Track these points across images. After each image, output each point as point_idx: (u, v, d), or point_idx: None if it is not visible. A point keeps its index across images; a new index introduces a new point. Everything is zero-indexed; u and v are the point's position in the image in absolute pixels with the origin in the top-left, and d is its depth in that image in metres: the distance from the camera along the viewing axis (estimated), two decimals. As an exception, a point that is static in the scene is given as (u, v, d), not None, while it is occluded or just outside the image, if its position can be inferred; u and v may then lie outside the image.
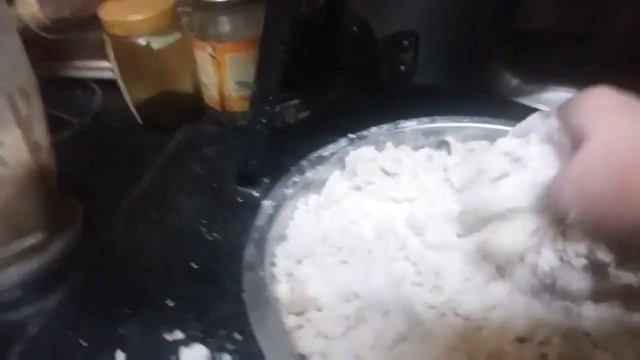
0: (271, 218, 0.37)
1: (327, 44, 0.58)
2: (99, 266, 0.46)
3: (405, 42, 0.56)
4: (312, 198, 0.40)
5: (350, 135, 0.43)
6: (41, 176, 0.41)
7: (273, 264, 0.36)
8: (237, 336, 0.38)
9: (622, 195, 0.22)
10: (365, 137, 0.43)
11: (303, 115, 0.55)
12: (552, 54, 0.51)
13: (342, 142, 0.43)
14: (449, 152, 0.41)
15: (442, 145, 0.42)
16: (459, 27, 0.54)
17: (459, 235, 0.33)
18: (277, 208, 0.38)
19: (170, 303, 0.42)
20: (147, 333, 0.39)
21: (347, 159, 0.41)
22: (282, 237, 0.38)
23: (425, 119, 0.43)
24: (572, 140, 0.26)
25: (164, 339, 0.39)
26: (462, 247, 0.32)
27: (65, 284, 0.44)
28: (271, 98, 0.45)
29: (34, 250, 0.43)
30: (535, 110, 0.46)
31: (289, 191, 0.39)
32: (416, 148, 0.43)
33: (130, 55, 0.56)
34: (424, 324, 0.29)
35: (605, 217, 0.23)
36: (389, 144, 0.42)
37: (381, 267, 0.32)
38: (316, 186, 0.41)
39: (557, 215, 0.25)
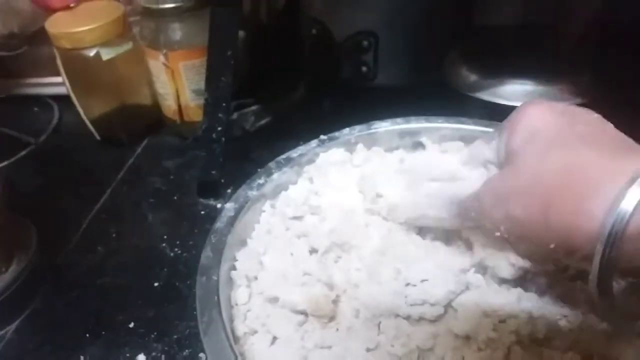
0: (231, 221, 0.36)
1: (287, 48, 0.57)
2: (57, 290, 0.44)
3: (365, 43, 0.56)
4: (278, 201, 0.39)
5: (322, 137, 0.42)
6: (-13, 201, 0.39)
7: (233, 268, 0.34)
8: (201, 355, 0.37)
9: (544, 223, 0.22)
10: (337, 138, 0.42)
11: (263, 121, 0.53)
12: (510, 47, 0.51)
13: (313, 143, 0.42)
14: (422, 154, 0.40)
15: (418, 146, 0.42)
16: (416, 26, 0.54)
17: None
18: (239, 211, 0.36)
19: (132, 324, 0.40)
20: (108, 357, 0.38)
21: (317, 161, 0.40)
22: (244, 242, 0.36)
23: (399, 120, 0.42)
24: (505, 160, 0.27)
25: (126, 362, 0.37)
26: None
27: (21, 310, 0.43)
28: (224, 105, 0.43)
29: (-15, 278, 0.41)
30: (493, 105, 0.46)
31: (253, 193, 0.38)
32: (390, 149, 0.42)
33: (80, 68, 0.55)
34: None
35: (528, 238, 0.24)
36: (360, 146, 0.41)
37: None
38: (284, 189, 0.40)
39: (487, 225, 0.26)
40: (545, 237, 0.22)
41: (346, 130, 0.42)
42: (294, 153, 0.41)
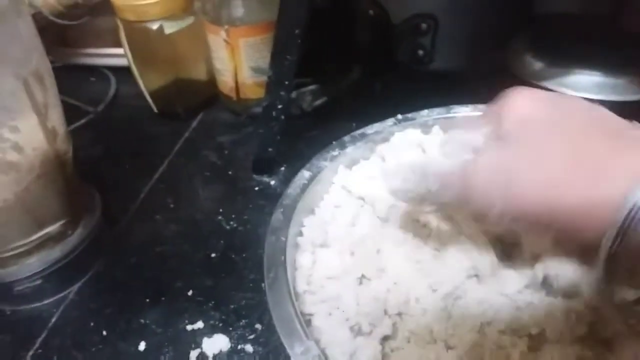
0: (304, 188, 0.37)
1: (343, 29, 0.57)
2: (118, 255, 0.46)
3: (423, 26, 0.55)
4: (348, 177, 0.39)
5: (399, 116, 0.42)
6: (59, 164, 0.40)
7: (300, 234, 0.35)
8: (258, 325, 0.38)
9: (548, 204, 0.23)
10: (414, 119, 0.41)
11: (319, 101, 0.54)
12: (576, 36, 0.50)
13: (389, 121, 0.42)
14: None
15: None
16: (477, 9, 0.53)
17: None
18: (312, 179, 0.37)
19: (190, 292, 0.41)
20: (167, 323, 0.39)
21: (392, 140, 0.40)
22: (312, 210, 0.37)
23: (481, 106, 0.41)
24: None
25: (185, 329, 0.39)
26: None
27: (85, 273, 0.45)
28: (287, 83, 0.44)
29: (54, 239, 0.43)
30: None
31: (325, 164, 0.39)
32: None
33: (142, 41, 0.56)
34: None
35: (527, 217, 0.24)
36: (436, 128, 0.41)
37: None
38: (355, 163, 0.40)
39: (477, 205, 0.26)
40: (548, 216, 0.23)
41: (424, 112, 0.42)
42: (369, 129, 0.41)
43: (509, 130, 0.25)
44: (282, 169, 0.53)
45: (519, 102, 0.26)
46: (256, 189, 0.51)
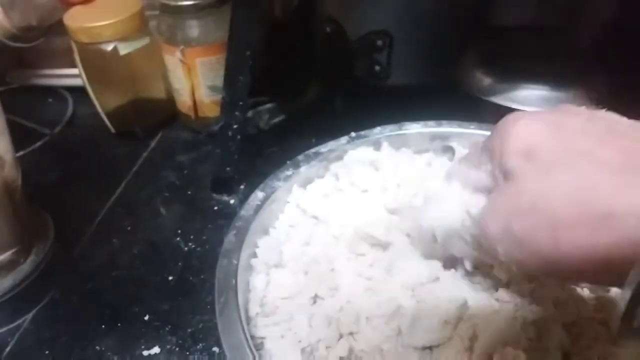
0: (257, 209, 0.37)
1: (300, 47, 0.57)
2: (73, 281, 0.45)
3: (379, 42, 0.56)
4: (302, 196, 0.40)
5: (352, 134, 0.42)
6: (7, 192, 0.40)
7: (254, 255, 0.35)
8: (215, 349, 0.38)
9: (553, 245, 0.21)
10: (367, 136, 0.42)
11: (277, 119, 0.54)
12: (525, 51, 0.51)
13: (342, 140, 0.42)
14: (452, 159, 0.40)
15: (447, 150, 0.42)
16: (431, 25, 0.54)
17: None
18: (265, 200, 0.37)
19: (147, 317, 0.41)
20: (124, 349, 0.39)
21: (345, 158, 0.41)
22: (266, 231, 0.37)
23: (431, 123, 0.42)
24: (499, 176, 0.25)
25: (142, 354, 0.38)
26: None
27: (39, 300, 0.43)
28: (241, 103, 0.44)
29: (5, 268, 0.42)
30: (506, 109, 0.47)
31: (279, 184, 0.39)
32: (419, 152, 0.42)
33: (97, 62, 0.55)
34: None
35: (528, 259, 0.23)
36: (385, 144, 0.41)
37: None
38: (310, 182, 0.40)
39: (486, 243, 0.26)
40: (553, 258, 0.21)
41: (377, 129, 0.42)
42: (323, 148, 0.41)
43: (512, 165, 0.24)
44: (242, 187, 0.52)
45: (519, 131, 0.24)
46: (215, 208, 0.51)
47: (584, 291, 0.31)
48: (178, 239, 0.48)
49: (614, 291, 0.30)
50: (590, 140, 0.22)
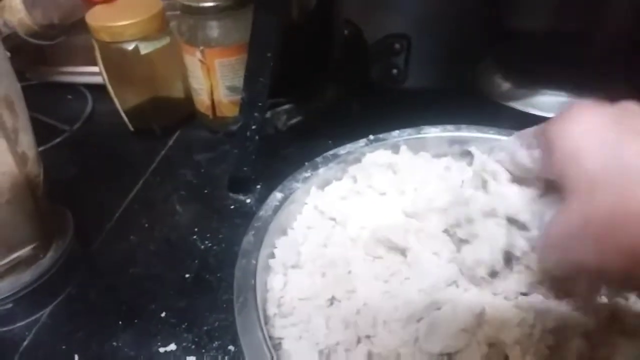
0: (275, 209, 0.37)
1: (318, 49, 0.58)
2: (91, 277, 0.46)
3: (397, 46, 0.56)
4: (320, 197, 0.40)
5: (370, 137, 0.42)
6: (29, 188, 0.40)
7: (272, 255, 0.35)
8: (230, 347, 0.38)
9: (600, 267, 0.22)
10: (385, 139, 0.42)
11: (294, 121, 0.54)
12: (544, 56, 0.51)
13: (361, 142, 0.42)
14: (470, 164, 0.40)
15: (466, 155, 0.41)
16: (449, 29, 0.54)
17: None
18: (284, 201, 0.38)
19: (163, 314, 0.41)
20: (140, 346, 0.39)
21: (363, 161, 0.41)
22: (284, 231, 0.38)
23: (450, 127, 0.42)
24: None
25: (158, 351, 0.39)
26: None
27: (57, 295, 0.44)
28: (260, 104, 0.44)
29: (25, 262, 0.43)
30: (525, 115, 0.47)
31: (298, 185, 0.39)
32: (438, 156, 0.42)
33: (117, 61, 0.56)
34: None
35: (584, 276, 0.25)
36: (404, 148, 0.41)
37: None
38: (328, 184, 0.41)
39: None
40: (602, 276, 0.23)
41: (395, 132, 0.42)
42: (341, 150, 0.41)
43: (559, 168, 0.24)
44: (258, 187, 0.53)
45: (573, 127, 0.23)
46: (232, 207, 0.51)
47: (602, 299, 0.31)
48: (195, 237, 0.48)
49: (633, 300, 0.30)
50: (636, 152, 0.22)
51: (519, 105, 0.46)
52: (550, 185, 0.29)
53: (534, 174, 0.29)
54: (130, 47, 0.54)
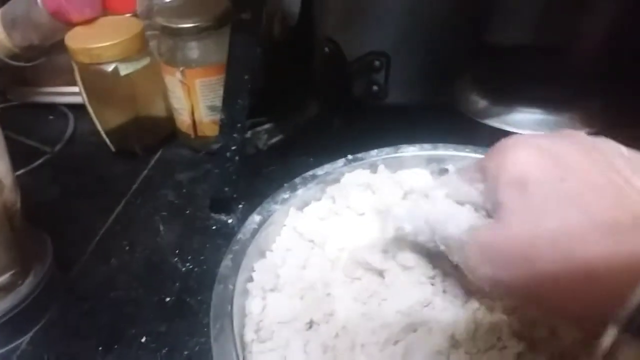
0: (254, 233, 0.37)
1: (299, 67, 0.58)
2: (71, 302, 0.45)
3: (377, 63, 0.56)
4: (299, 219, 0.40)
5: (349, 156, 0.43)
6: (6, 217, 0.40)
7: (250, 279, 0.35)
8: (212, 372, 0.38)
9: (536, 292, 0.22)
10: (363, 159, 0.42)
11: (275, 139, 0.54)
12: (521, 73, 0.52)
13: (339, 162, 0.42)
14: None
15: (443, 173, 0.41)
16: (427, 46, 0.55)
17: None
18: (262, 223, 0.37)
19: (143, 339, 0.41)
20: (120, 371, 0.39)
21: (342, 181, 0.41)
22: (263, 254, 0.37)
23: (427, 146, 0.42)
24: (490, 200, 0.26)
25: (138, 377, 0.38)
26: None
27: (37, 322, 0.44)
28: (239, 125, 0.44)
29: (4, 289, 0.42)
30: (501, 132, 0.47)
31: (276, 207, 0.39)
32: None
33: (97, 82, 0.56)
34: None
35: (513, 298, 0.25)
36: (382, 167, 0.42)
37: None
38: (307, 205, 0.40)
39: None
40: (536, 300, 0.23)
41: (374, 152, 0.42)
42: (320, 170, 0.41)
43: (503, 197, 0.24)
44: (240, 206, 0.53)
45: (515, 158, 0.24)
46: (214, 227, 0.51)
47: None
48: (176, 259, 0.48)
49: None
50: (583, 180, 0.22)
51: (495, 123, 0.47)
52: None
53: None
54: (110, 68, 0.54)
